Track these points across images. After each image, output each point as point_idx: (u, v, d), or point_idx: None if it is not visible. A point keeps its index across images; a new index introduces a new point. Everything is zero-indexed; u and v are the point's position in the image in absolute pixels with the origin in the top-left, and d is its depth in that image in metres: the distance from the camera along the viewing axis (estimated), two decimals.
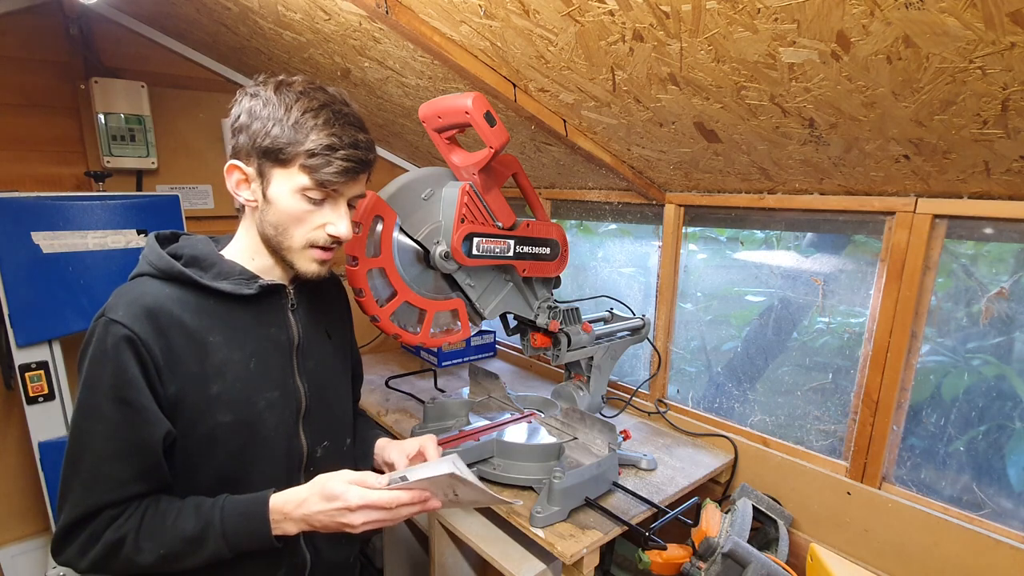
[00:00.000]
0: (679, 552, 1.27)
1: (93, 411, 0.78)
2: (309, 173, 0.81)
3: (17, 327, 1.54)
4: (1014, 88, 0.80)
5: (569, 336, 1.45)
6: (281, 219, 0.85)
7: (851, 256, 1.42)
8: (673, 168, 1.55)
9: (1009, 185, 1.07)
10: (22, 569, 1.97)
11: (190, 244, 0.89)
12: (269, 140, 0.80)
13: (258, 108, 0.82)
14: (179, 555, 0.79)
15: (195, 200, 2.17)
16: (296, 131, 0.80)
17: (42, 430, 1.62)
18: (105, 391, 0.78)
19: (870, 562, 1.34)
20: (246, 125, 0.83)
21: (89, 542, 0.78)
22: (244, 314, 0.89)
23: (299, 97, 0.82)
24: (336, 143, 0.81)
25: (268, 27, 1.54)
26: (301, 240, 0.86)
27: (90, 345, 0.80)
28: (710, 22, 0.87)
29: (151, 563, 0.78)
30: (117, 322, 0.78)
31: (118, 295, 0.82)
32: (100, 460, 0.78)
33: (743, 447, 1.60)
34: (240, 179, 0.86)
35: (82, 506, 0.77)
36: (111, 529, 0.78)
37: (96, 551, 0.77)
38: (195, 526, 0.80)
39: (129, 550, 0.78)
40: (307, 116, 0.81)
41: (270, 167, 0.83)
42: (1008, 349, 1.20)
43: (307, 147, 0.80)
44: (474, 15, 1.08)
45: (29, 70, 1.81)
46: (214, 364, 0.84)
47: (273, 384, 0.90)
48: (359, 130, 0.85)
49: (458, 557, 1.52)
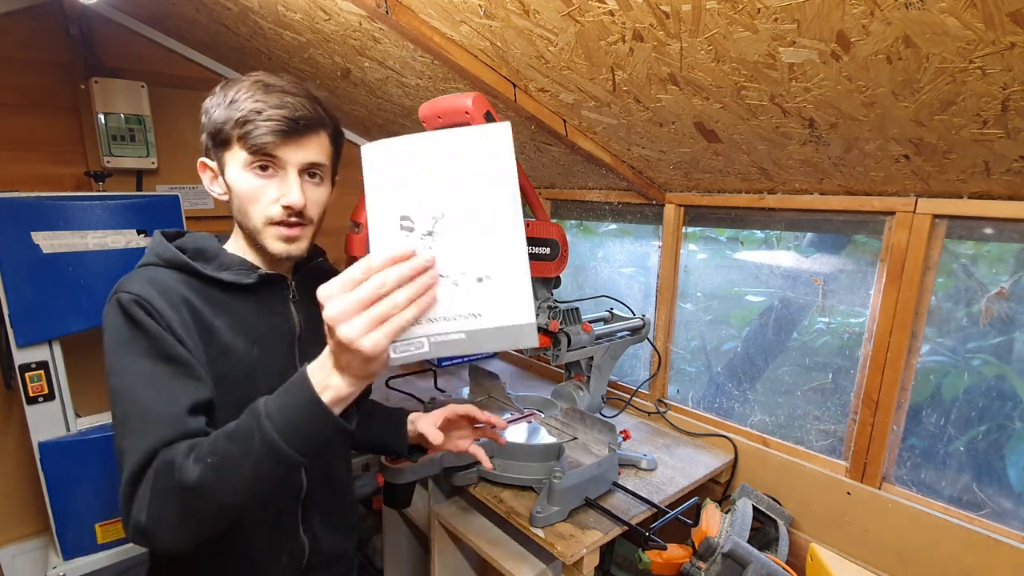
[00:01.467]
0: (679, 552, 1.27)
1: (128, 370, 0.77)
2: (243, 144, 0.82)
3: (17, 327, 1.54)
4: (1014, 88, 0.80)
5: (569, 336, 1.45)
6: (239, 201, 0.86)
7: (851, 256, 1.42)
8: (673, 168, 1.55)
9: (1009, 185, 1.07)
10: (22, 569, 1.97)
11: (194, 239, 0.92)
12: (212, 125, 0.84)
13: (209, 102, 0.86)
14: (228, 459, 0.67)
15: (195, 200, 2.17)
16: (230, 109, 0.82)
17: (42, 430, 1.62)
18: (142, 353, 0.77)
19: (870, 562, 1.34)
20: (203, 122, 0.87)
21: (144, 488, 0.70)
22: (247, 304, 0.90)
23: (244, 83, 0.84)
24: (261, 107, 0.81)
25: (268, 27, 1.54)
26: (260, 217, 0.85)
27: (108, 324, 0.80)
28: (710, 22, 0.87)
29: (200, 478, 0.67)
30: (130, 293, 0.79)
31: (126, 280, 0.83)
32: (146, 404, 0.75)
33: (743, 447, 1.60)
34: (211, 176, 0.89)
35: (138, 456, 0.71)
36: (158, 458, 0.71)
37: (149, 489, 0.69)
38: (237, 422, 0.70)
39: (178, 474, 0.68)
40: (240, 93, 0.83)
41: (220, 152, 0.86)
42: (1008, 349, 1.20)
43: (235, 117, 0.81)
44: (474, 15, 1.08)
45: (29, 70, 1.81)
46: (219, 347, 0.85)
47: (275, 371, 0.91)
48: (288, 94, 0.83)
49: (458, 557, 1.52)
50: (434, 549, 1.47)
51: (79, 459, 1.66)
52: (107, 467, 1.70)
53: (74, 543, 1.70)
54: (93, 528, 1.72)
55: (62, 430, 1.66)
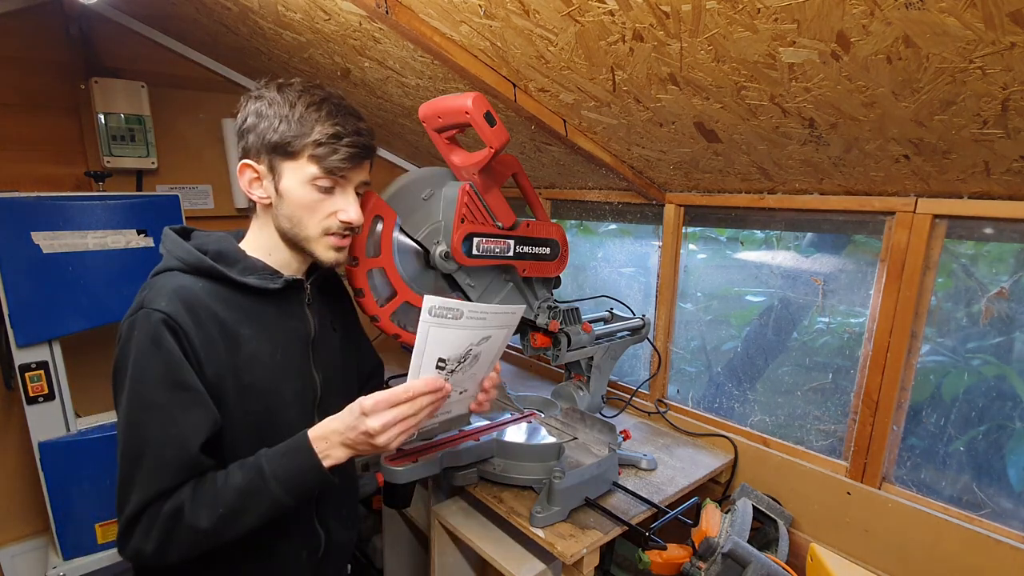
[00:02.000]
0: (679, 552, 1.27)
1: (147, 401, 0.79)
2: (317, 162, 0.86)
3: (17, 327, 1.54)
4: (1014, 88, 0.80)
5: (569, 336, 1.45)
6: (295, 211, 0.89)
7: (851, 256, 1.42)
8: (673, 168, 1.55)
9: (1009, 185, 1.07)
10: (22, 569, 1.97)
11: (214, 240, 0.92)
12: (277, 135, 0.85)
13: (264, 108, 0.86)
14: (237, 511, 0.79)
15: (195, 200, 2.17)
16: (302, 124, 0.85)
17: (42, 430, 1.62)
18: (158, 379, 0.79)
19: (870, 562, 1.34)
20: (254, 125, 0.87)
21: (150, 523, 0.78)
22: (268, 307, 0.93)
23: (301, 94, 0.87)
24: (340, 131, 0.86)
25: (268, 27, 1.54)
26: (316, 229, 0.91)
27: (131, 340, 0.81)
28: (710, 22, 0.87)
29: (211, 526, 0.78)
30: (159, 311, 0.80)
31: (153, 289, 0.84)
32: (162, 447, 0.79)
33: (743, 447, 1.60)
34: (252, 177, 0.89)
35: (148, 493, 0.78)
36: (168, 503, 0.78)
37: (158, 528, 0.78)
38: (244, 477, 0.80)
39: (188, 518, 0.77)
40: (310, 110, 0.86)
41: (280, 161, 0.87)
42: (1008, 349, 1.20)
43: (314, 138, 0.85)
44: (474, 15, 1.08)
45: (29, 70, 1.81)
46: (245, 356, 0.88)
47: (295, 375, 0.95)
48: (359, 119, 0.90)
49: (458, 557, 1.52)
50: (434, 549, 1.47)
51: (79, 459, 1.66)
52: (107, 467, 1.70)
53: (74, 543, 1.70)
54: (93, 528, 1.72)
55: (62, 430, 1.66)
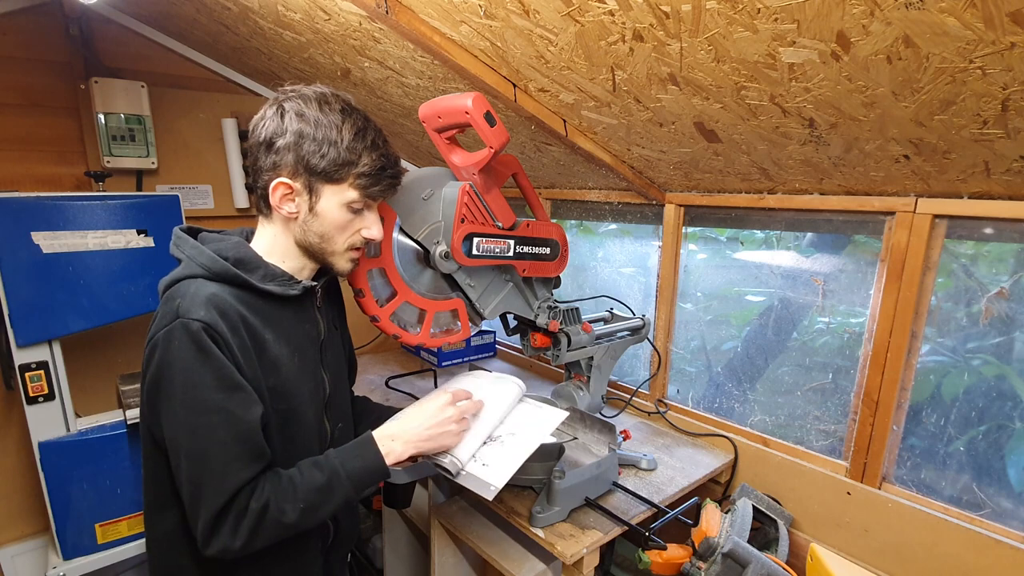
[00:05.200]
0: (679, 552, 1.27)
1: (205, 406, 0.82)
2: (361, 190, 0.91)
3: (17, 327, 1.54)
4: (1014, 88, 0.80)
5: (569, 336, 1.45)
6: (327, 229, 0.93)
7: (851, 256, 1.42)
8: (673, 168, 1.55)
9: (1009, 185, 1.07)
10: (22, 569, 1.97)
11: (231, 246, 0.93)
12: (326, 162, 0.88)
13: (307, 129, 0.87)
14: (316, 505, 0.88)
15: (195, 200, 2.17)
16: (350, 153, 0.89)
17: (42, 430, 1.62)
18: (212, 384, 0.82)
19: (870, 562, 1.34)
20: (294, 144, 0.88)
21: (237, 521, 0.83)
22: (286, 312, 0.96)
23: (344, 116, 0.89)
24: (385, 163, 0.92)
25: (268, 27, 1.54)
26: (343, 245, 0.96)
27: (171, 350, 0.82)
28: (710, 22, 0.87)
29: (295, 519, 0.86)
30: (199, 320, 0.82)
31: (186, 298, 0.85)
32: (228, 446, 0.83)
33: (743, 447, 1.60)
34: (285, 194, 0.91)
35: (223, 494, 0.82)
36: (253, 499, 0.84)
37: (246, 524, 0.83)
38: (322, 477, 0.89)
39: (274, 513, 0.85)
40: (357, 139, 0.89)
41: (322, 184, 0.90)
42: (1008, 349, 1.20)
43: (360, 169, 0.90)
44: (474, 15, 1.08)
45: (29, 70, 1.81)
46: (270, 359, 0.91)
47: (310, 376, 0.99)
48: (388, 143, 0.95)
49: (458, 557, 1.52)
50: (434, 549, 1.47)
51: (79, 459, 1.66)
52: (107, 467, 1.70)
53: (74, 543, 1.70)
54: (93, 528, 1.72)
55: (62, 430, 1.66)
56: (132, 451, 1.73)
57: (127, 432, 1.70)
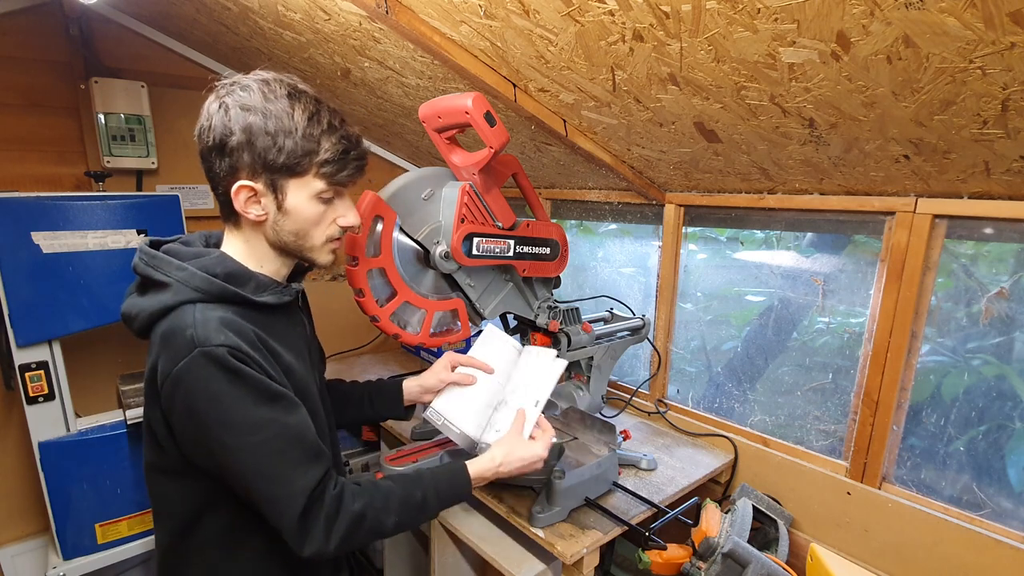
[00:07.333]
0: (679, 552, 1.27)
1: (254, 423, 0.80)
2: (327, 179, 0.85)
3: (17, 327, 1.54)
4: (1014, 88, 0.80)
5: (569, 336, 1.45)
6: (301, 225, 0.88)
7: (851, 256, 1.42)
8: (673, 168, 1.55)
9: (1009, 185, 1.07)
10: (22, 569, 1.97)
11: (215, 261, 0.87)
12: (284, 155, 0.81)
13: (257, 123, 0.80)
14: (408, 521, 0.93)
15: (195, 200, 2.17)
16: (308, 140, 0.82)
17: (42, 430, 1.62)
18: (251, 402, 0.80)
19: (870, 562, 1.34)
20: (246, 142, 0.80)
21: (328, 523, 0.83)
22: (281, 319, 0.94)
23: (292, 102, 0.82)
24: (348, 145, 0.85)
25: (268, 27, 1.54)
26: (321, 238, 0.91)
27: (201, 380, 0.78)
28: (710, 22, 0.87)
29: (391, 529, 0.91)
30: (221, 346, 0.79)
31: (196, 326, 0.80)
32: (287, 453, 0.82)
33: (743, 447, 1.60)
34: (249, 197, 0.84)
35: (297, 501, 0.81)
36: (346, 500, 0.86)
37: (340, 527, 0.84)
38: (422, 496, 0.94)
39: (372, 522, 0.88)
40: (312, 124, 0.82)
41: (285, 179, 0.84)
42: (1008, 349, 1.20)
43: (323, 156, 0.84)
44: (474, 15, 1.08)
45: (29, 70, 1.81)
46: (285, 368, 0.89)
47: (307, 377, 0.98)
48: (347, 122, 0.88)
49: (458, 557, 1.52)
50: (434, 549, 1.47)
51: (79, 459, 1.66)
52: (107, 467, 1.70)
53: (74, 543, 1.70)
54: (93, 528, 1.72)
55: (62, 430, 1.65)
56: (132, 451, 1.73)
57: (127, 432, 1.70)
